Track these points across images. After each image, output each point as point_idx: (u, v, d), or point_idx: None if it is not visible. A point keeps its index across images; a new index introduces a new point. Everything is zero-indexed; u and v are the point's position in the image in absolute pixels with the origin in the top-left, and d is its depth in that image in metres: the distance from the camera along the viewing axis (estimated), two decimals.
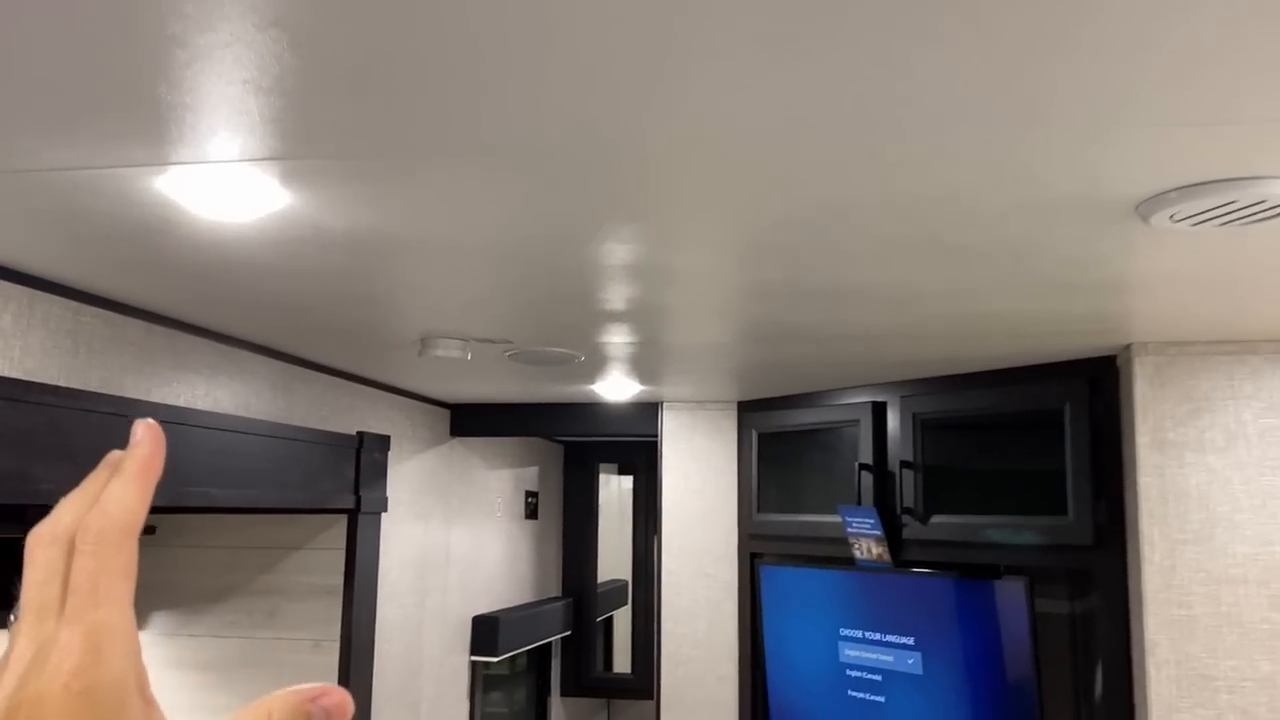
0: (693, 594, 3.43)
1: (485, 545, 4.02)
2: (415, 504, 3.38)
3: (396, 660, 3.23)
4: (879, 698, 2.90)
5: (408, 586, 3.31)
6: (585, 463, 5.10)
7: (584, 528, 5.05)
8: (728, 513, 3.43)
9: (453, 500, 3.69)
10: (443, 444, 3.61)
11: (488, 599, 4.02)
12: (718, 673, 3.38)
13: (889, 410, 2.94)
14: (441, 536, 3.58)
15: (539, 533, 4.72)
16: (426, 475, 3.47)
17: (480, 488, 3.98)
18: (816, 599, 3.13)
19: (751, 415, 3.38)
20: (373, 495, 2.90)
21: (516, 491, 4.43)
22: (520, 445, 4.46)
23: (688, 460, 3.49)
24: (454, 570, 3.69)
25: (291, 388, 2.66)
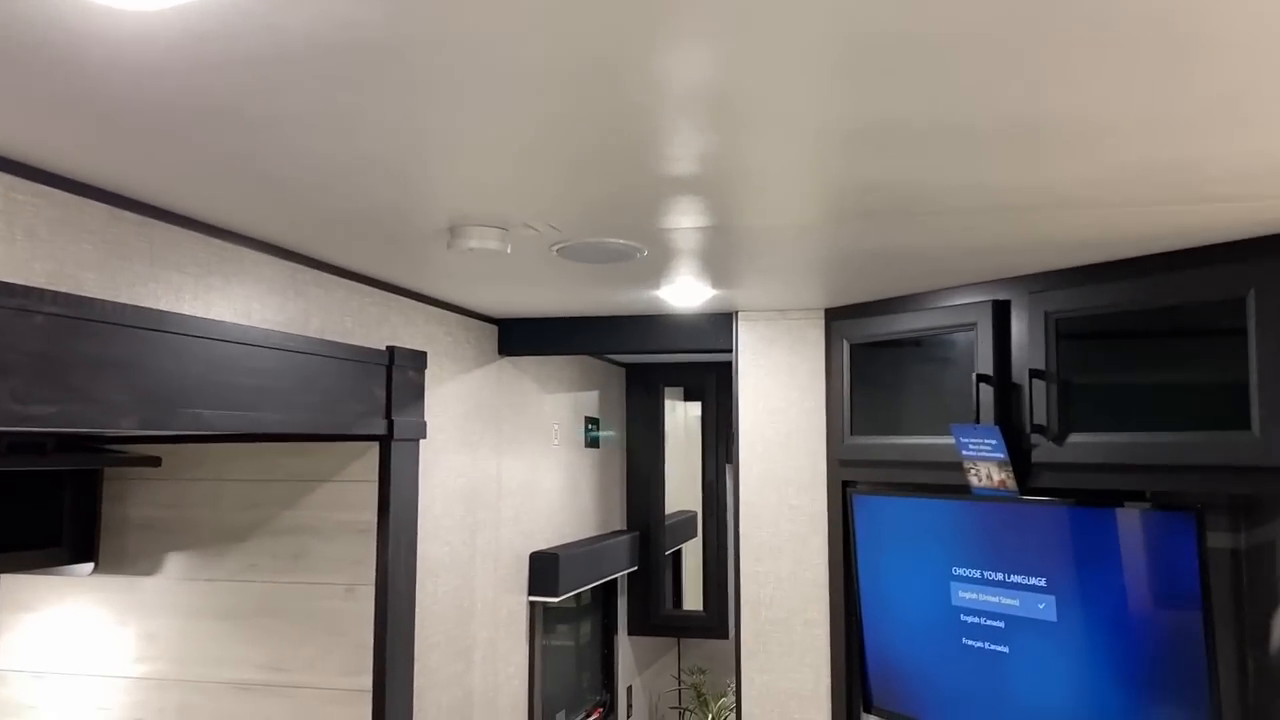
0: (774, 528, 3.02)
1: (542, 476, 3.65)
2: (460, 430, 3.00)
3: (444, 603, 2.88)
4: (1001, 647, 2.47)
5: (455, 522, 2.94)
6: (649, 386, 4.69)
7: (650, 456, 4.66)
8: (814, 436, 3.00)
9: (504, 427, 3.31)
10: (490, 363, 3.21)
11: (546, 534, 3.66)
12: (805, 616, 2.98)
13: (1014, 310, 2.46)
14: (492, 467, 3.21)
15: (601, 462, 4.34)
16: (472, 399, 3.08)
17: (534, 413, 3.60)
18: (923, 533, 2.70)
19: (842, 324, 2.92)
20: (408, 420, 2.51)
21: (575, 418, 4.04)
22: (578, 368, 4.06)
23: (767, 377, 3.05)
24: (507, 504, 3.32)
25: (304, 293, 2.27)
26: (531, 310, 3.12)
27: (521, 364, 3.43)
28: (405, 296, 2.70)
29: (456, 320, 2.99)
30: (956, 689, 2.61)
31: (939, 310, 2.64)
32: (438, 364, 2.86)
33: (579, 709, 4.08)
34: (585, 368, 4.15)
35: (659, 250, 2.18)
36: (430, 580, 2.79)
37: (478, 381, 3.13)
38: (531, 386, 3.57)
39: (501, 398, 3.30)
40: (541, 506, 3.62)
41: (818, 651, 2.96)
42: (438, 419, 2.85)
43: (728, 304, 2.97)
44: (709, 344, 3.13)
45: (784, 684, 2.98)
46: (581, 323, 3.20)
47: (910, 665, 2.75)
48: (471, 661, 3.05)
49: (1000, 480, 2.44)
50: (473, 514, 3.06)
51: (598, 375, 4.32)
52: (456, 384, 2.98)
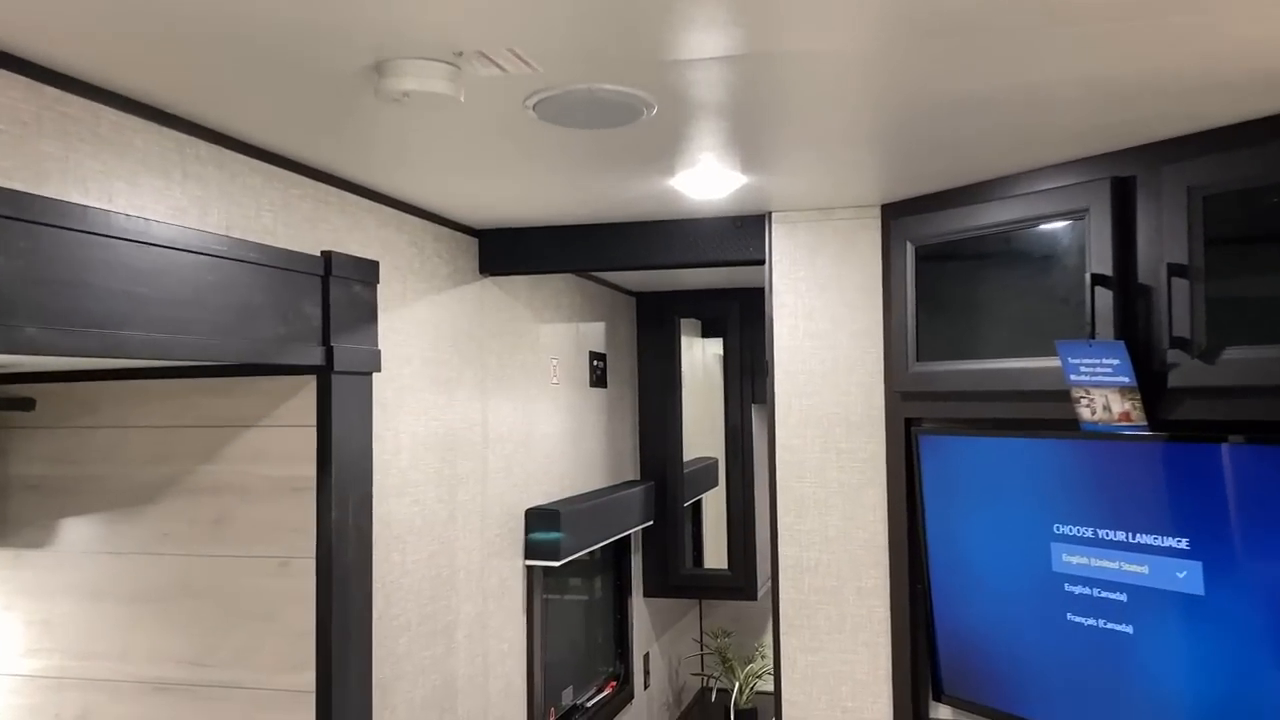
0: (819, 478, 2.47)
1: (539, 419, 3.10)
2: (433, 365, 2.44)
3: (415, 575, 2.35)
4: (1122, 626, 1.92)
5: (428, 475, 2.40)
6: (664, 318, 4.12)
7: (665, 397, 4.11)
8: (868, 365, 2.43)
9: (490, 362, 2.76)
10: (469, 284, 2.65)
11: (545, 487, 3.12)
12: (859, 584, 2.44)
13: (1139, 189, 1.88)
14: (476, 409, 2.66)
15: (609, 404, 3.78)
16: (448, 326, 2.52)
17: (529, 347, 3.04)
18: (1012, 481, 2.14)
19: (904, 222, 2.34)
20: (354, 348, 1.96)
21: (578, 353, 3.48)
22: (580, 295, 3.49)
23: (809, 294, 2.48)
24: (496, 453, 2.78)
25: (199, 176, 1.70)
26: (517, 217, 2.55)
27: (510, 287, 2.87)
28: (351, 192, 2.13)
29: (423, 228, 2.41)
30: (1057, 677, 2.07)
31: (1033, 197, 2.05)
32: (399, 280, 2.29)
33: (588, 684, 3.57)
34: (589, 296, 3.58)
35: (672, 105, 1.60)
36: (395, 548, 2.26)
37: (455, 306, 2.57)
38: (524, 315, 3.00)
39: (486, 327, 2.74)
40: (539, 455, 3.08)
41: (875, 627, 2.42)
42: (401, 349, 2.29)
43: (759, 201, 2.38)
44: (736, 254, 2.55)
45: (833, 665, 2.45)
46: (579, 232, 2.62)
47: (994, 646, 2.20)
48: (454, 642, 2.52)
49: (1123, 412, 1.87)
50: (451, 465, 2.52)
51: (603, 305, 3.75)
52: (427, 307, 2.42)
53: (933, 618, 2.34)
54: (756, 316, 4.07)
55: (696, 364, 4.86)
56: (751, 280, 3.86)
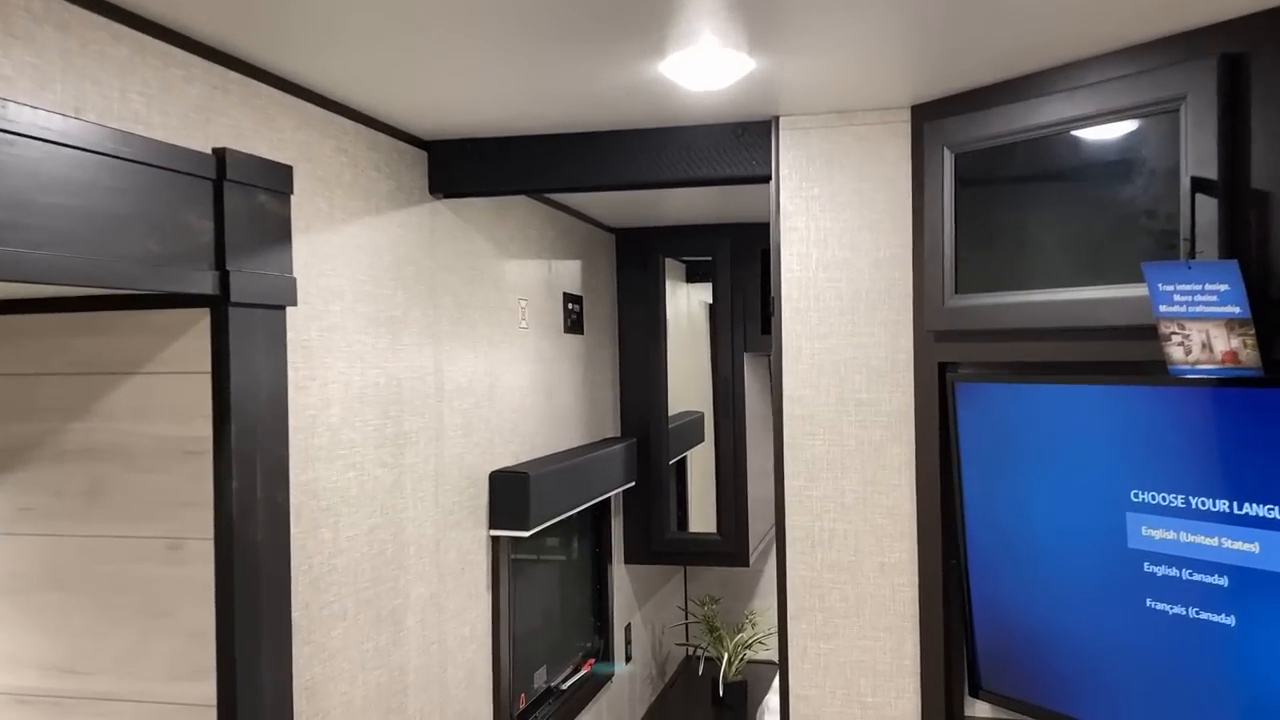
0: (834, 434, 2.08)
1: (505, 369, 2.69)
2: (372, 300, 2.03)
3: (352, 553, 1.96)
4: (1222, 617, 1.56)
5: (366, 435, 2.00)
6: (646, 257, 3.71)
7: (648, 344, 3.71)
8: (895, 299, 2.04)
9: (443, 300, 2.34)
10: (417, 206, 2.22)
11: (513, 447, 2.73)
12: (882, 559, 2.06)
13: (1254, 69, 1.48)
14: (427, 355, 2.25)
15: (586, 353, 3.38)
16: (390, 256, 2.11)
17: (492, 284, 2.62)
18: (1076, 438, 1.76)
19: (941, 126, 1.93)
20: (258, 274, 1.55)
21: (550, 295, 3.07)
22: (552, 229, 3.08)
23: (824, 215, 2.07)
24: (453, 407, 2.37)
25: (31, 40, 1.27)
26: (473, 124, 2.12)
27: (468, 213, 2.44)
28: (260, 80, 1.70)
29: (356, 134, 1.99)
30: (1128, 674, 1.71)
31: (1106, 86, 1.65)
32: (324, 195, 1.87)
33: (564, 662, 3.21)
34: (563, 230, 3.16)
35: None
36: (325, 522, 1.86)
37: (398, 232, 2.15)
38: (485, 248, 2.58)
39: (439, 259, 2.33)
40: (505, 410, 2.68)
41: (900, 609, 2.05)
42: (328, 280, 1.88)
43: (765, 102, 1.97)
44: (736, 169, 2.14)
45: (850, 654, 2.08)
46: (548, 145, 2.20)
47: (1046, 634, 1.84)
48: (402, 629, 2.14)
49: (1228, 352, 1.49)
50: (397, 423, 2.11)
51: (579, 241, 3.34)
52: (362, 232, 2.00)
53: (970, 599, 1.97)
54: (749, 255, 3.67)
55: (681, 313, 4.47)
56: (744, 214, 3.46)
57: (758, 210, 3.44)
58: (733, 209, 3.35)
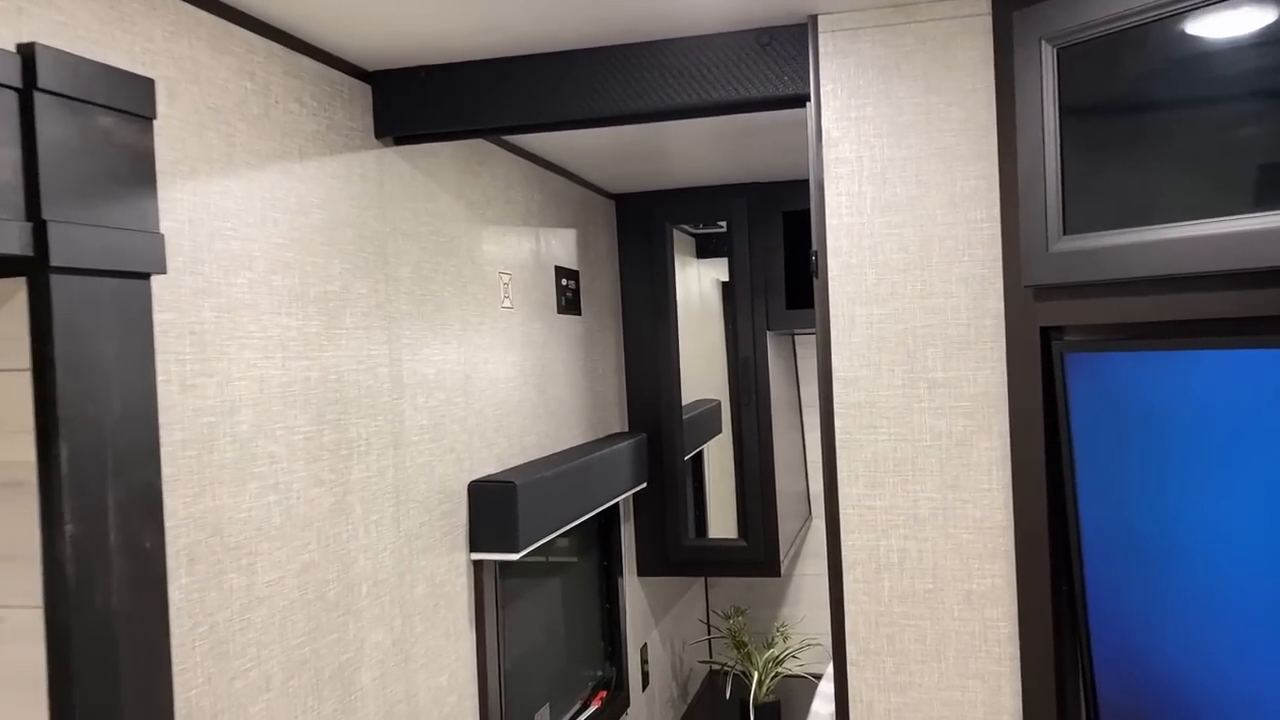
0: (903, 425, 1.61)
1: (484, 357, 2.23)
2: (295, 271, 1.56)
3: (275, 602, 1.49)
4: None
5: (292, 445, 1.53)
6: (651, 225, 3.24)
7: (657, 324, 3.25)
8: (979, 247, 1.56)
9: (399, 272, 1.88)
10: (359, 153, 1.75)
11: (497, 450, 2.26)
12: (969, 585, 1.59)
13: None
14: (378, 341, 1.79)
15: (585, 336, 2.92)
16: (322, 215, 1.64)
17: (464, 254, 2.15)
18: (1242, 421, 1.29)
19: (1036, 13, 1.45)
20: (100, 228, 1.09)
21: (540, 269, 2.60)
22: (539, 193, 2.60)
23: (882, 142, 1.59)
24: (417, 404, 1.91)
25: None
26: (431, 45, 1.65)
27: (432, 167, 1.97)
28: None
29: (268, 53, 1.51)
30: None
31: None
32: (218, 130, 1.40)
33: (570, 698, 2.75)
34: (553, 194, 2.69)
35: None
36: (235, 566, 1.40)
37: (334, 185, 1.68)
38: (455, 210, 2.12)
39: (392, 221, 1.86)
40: (485, 406, 2.21)
41: (995, 650, 1.58)
42: (230, 244, 1.41)
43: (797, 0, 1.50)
44: (761, 89, 1.66)
45: (930, 709, 1.61)
46: (524, 68, 1.73)
47: (1198, 682, 1.37)
48: (355, 691, 1.68)
49: None
50: (338, 428, 1.65)
51: (573, 207, 2.87)
52: (280, 182, 1.53)
53: (1088, 636, 1.50)
54: (769, 219, 3.20)
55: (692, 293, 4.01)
56: (762, 171, 2.98)
57: (777, 165, 2.98)
58: (748, 165, 2.88)
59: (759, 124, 2.30)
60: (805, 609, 4.07)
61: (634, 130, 2.27)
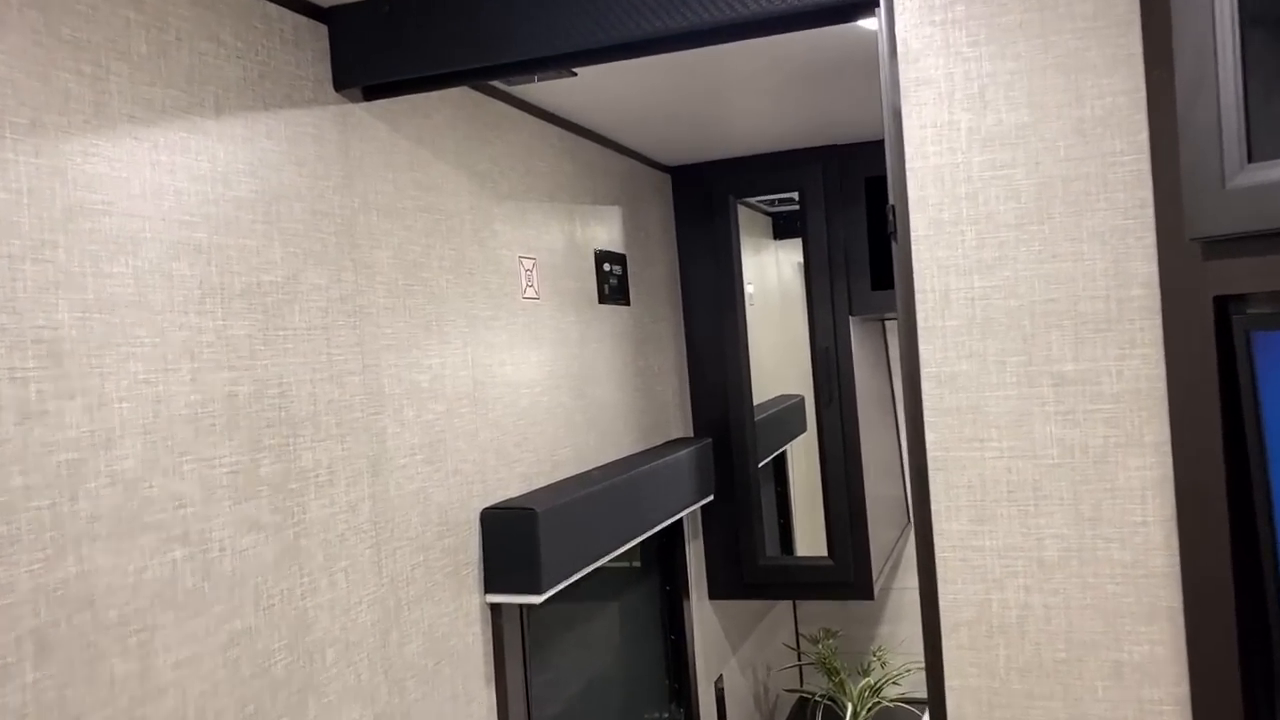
0: (1020, 438, 1.18)
1: (500, 358, 1.86)
2: (216, 259, 1.22)
3: (186, 691, 1.15)
4: None
5: (210, 481, 1.19)
6: (713, 201, 2.84)
7: (723, 313, 2.85)
8: (1118, 191, 1.13)
9: (376, 258, 1.52)
10: (312, 110, 1.40)
11: (521, 469, 1.90)
12: (1117, 653, 1.16)
13: None
14: (343, 343, 1.43)
15: (635, 328, 2.54)
16: (254, 187, 1.29)
17: (469, 235, 1.79)
18: None
19: None
20: None
21: (575, 253, 2.23)
22: (572, 163, 2.24)
23: (978, 53, 1.17)
24: (404, 418, 1.56)
25: None
26: None
27: (421, 130, 1.62)
28: None
29: None
30: None
31: None
32: (82, 72, 1.06)
33: None
34: (588, 165, 2.32)
35: None
36: (119, 647, 1.05)
37: (271, 149, 1.33)
38: (455, 183, 1.76)
39: (362, 195, 1.50)
40: (503, 417, 1.85)
41: None
42: (101, 221, 1.07)
43: None
44: None
45: None
46: None
47: None
48: None
49: None
50: (286, 457, 1.30)
51: (616, 182, 2.49)
52: (186, 142, 1.19)
53: None
54: (849, 186, 2.77)
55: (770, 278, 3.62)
56: (840, 132, 2.54)
57: (857, 123, 2.53)
58: (823, 124, 2.46)
59: (831, 64, 1.88)
60: (906, 627, 3.63)
61: (683, 83, 1.88)
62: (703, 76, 1.94)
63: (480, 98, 1.83)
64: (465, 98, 1.78)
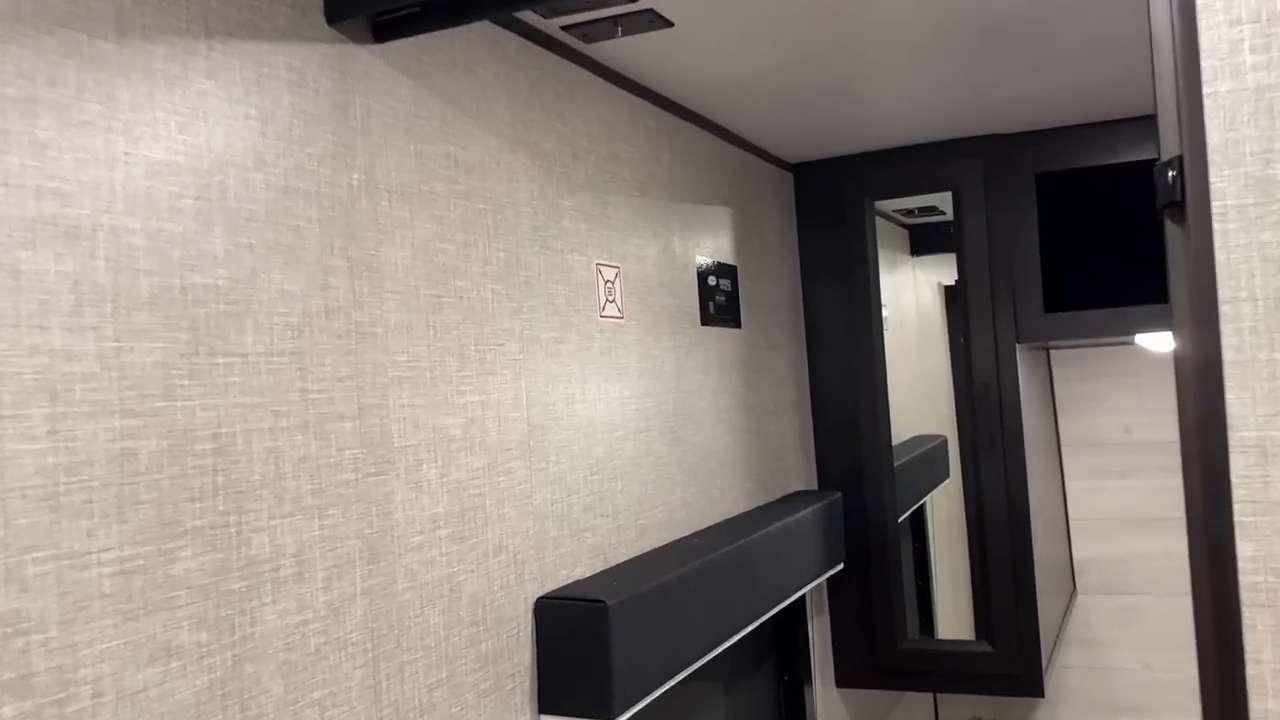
0: None
1: (566, 393, 1.42)
2: (99, 249, 0.81)
3: None
4: None
5: (84, 588, 0.78)
6: (844, 203, 2.36)
7: (856, 340, 2.36)
8: None
9: (387, 254, 1.10)
10: (288, 45, 0.99)
11: (592, 540, 1.44)
12: None
13: None
14: (322, 377, 1.01)
15: (746, 357, 2.07)
16: (180, 145, 0.89)
17: (526, 234, 1.36)
18: None
19: None
20: None
21: (671, 263, 1.78)
22: (667, 148, 1.79)
23: None
24: (417, 479, 1.13)
25: None
26: None
27: (466, 93, 1.19)
28: None
29: None
30: None
31: None
32: None
33: None
34: (693, 154, 1.87)
35: None
36: None
37: (216, 103, 0.93)
38: (511, 164, 1.33)
39: (367, 171, 1.09)
40: (570, 472, 1.41)
41: None
42: None
43: None
44: None
45: None
46: None
47: None
48: None
49: None
50: (223, 545, 0.88)
51: (726, 178, 2.03)
52: (37, 67, 0.79)
53: None
54: (1016, 185, 2.24)
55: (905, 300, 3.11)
56: (1008, 116, 1.98)
57: (1031, 102, 1.96)
58: (987, 106, 1.96)
59: (1008, 9, 1.39)
60: (1069, 713, 3.05)
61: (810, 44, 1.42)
62: (835, 35, 1.47)
63: (545, 55, 1.41)
64: (525, 53, 1.36)
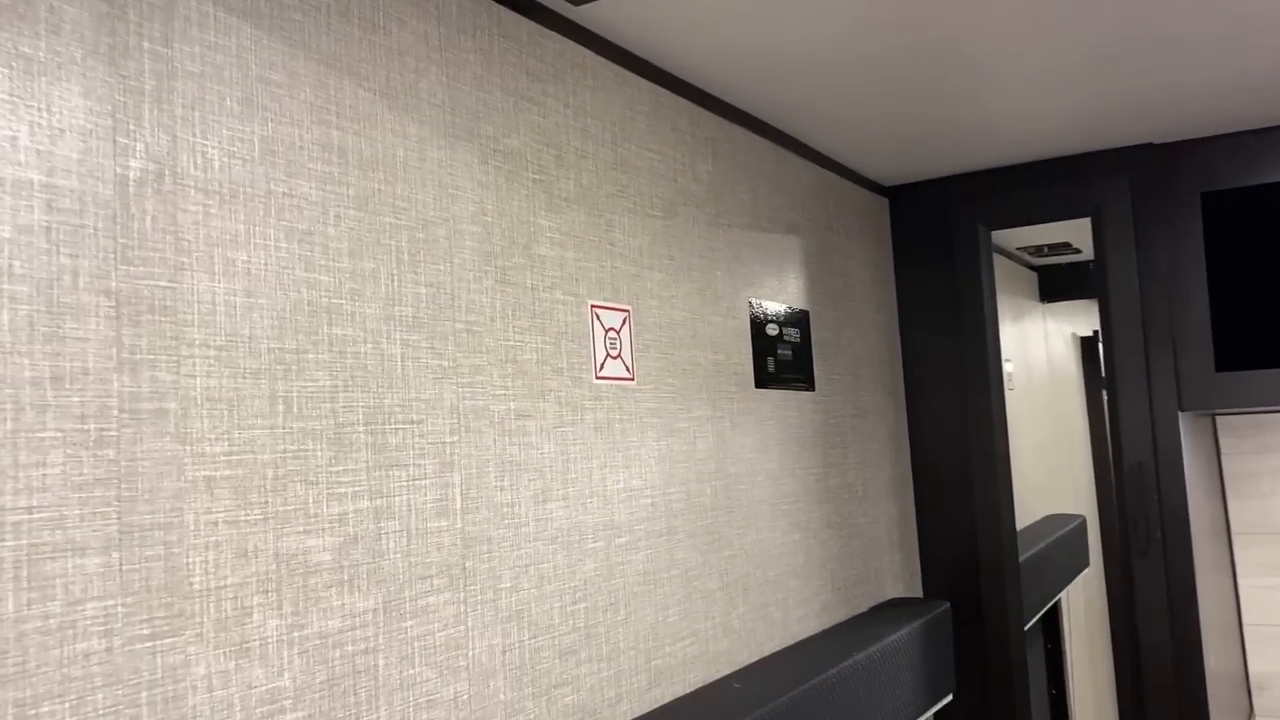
0: None
1: (538, 484, 1.00)
2: None
3: None
4: None
5: None
6: (952, 233, 1.90)
7: (969, 405, 1.87)
8: None
9: (178, 308, 0.71)
10: None
11: (573, 695, 1.02)
12: None
13: None
14: (63, 481, 0.62)
15: (820, 430, 1.60)
16: None
17: (470, 256, 0.96)
18: None
19: None
20: None
21: (713, 305, 1.35)
22: (708, 159, 1.37)
23: None
24: (234, 638, 0.73)
25: None
26: None
27: (357, 53, 0.81)
28: None
29: None
30: None
31: None
32: None
33: None
34: (749, 169, 1.45)
35: None
36: None
37: None
38: (454, 163, 0.93)
39: (144, 141, 0.70)
40: (539, 603, 0.98)
41: None
42: None
43: None
44: None
45: None
46: None
47: None
48: None
49: None
50: None
51: (799, 199, 1.59)
52: None
53: None
54: (1175, 209, 1.74)
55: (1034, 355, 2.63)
56: (1166, 122, 1.51)
57: (1194, 102, 1.50)
58: (1135, 108, 1.48)
59: None
60: None
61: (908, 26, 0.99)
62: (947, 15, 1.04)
63: (514, 19, 1.01)
64: (476, 12, 0.97)
